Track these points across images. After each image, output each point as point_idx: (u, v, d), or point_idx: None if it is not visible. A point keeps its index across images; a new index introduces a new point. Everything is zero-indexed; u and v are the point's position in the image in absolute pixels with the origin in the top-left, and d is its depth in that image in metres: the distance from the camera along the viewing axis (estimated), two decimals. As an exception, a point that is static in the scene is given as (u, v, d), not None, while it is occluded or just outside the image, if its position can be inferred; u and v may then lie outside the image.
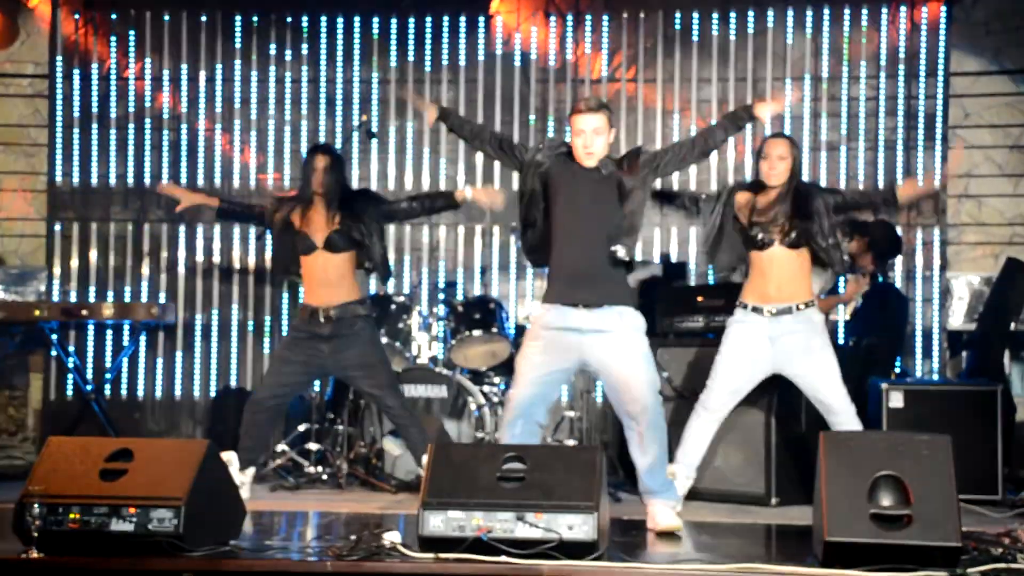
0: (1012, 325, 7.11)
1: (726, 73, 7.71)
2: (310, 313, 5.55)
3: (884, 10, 7.58)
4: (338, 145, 7.38)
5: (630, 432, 4.74)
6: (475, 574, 3.70)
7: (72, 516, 3.78)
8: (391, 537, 3.91)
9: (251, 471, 5.53)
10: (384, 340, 6.52)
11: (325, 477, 6.27)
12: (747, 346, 5.19)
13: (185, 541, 3.75)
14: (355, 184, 7.56)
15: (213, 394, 7.65)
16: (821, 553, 3.67)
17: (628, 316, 4.71)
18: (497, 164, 7.71)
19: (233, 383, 7.74)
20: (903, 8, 7.55)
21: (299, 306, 5.66)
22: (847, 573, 3.58)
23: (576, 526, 3.74)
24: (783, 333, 5.13)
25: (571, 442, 6.59)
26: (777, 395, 5.70)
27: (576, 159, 4.75)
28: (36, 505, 3.73)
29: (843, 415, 5.08)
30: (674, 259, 7.52)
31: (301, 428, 6.61)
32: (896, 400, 5.84)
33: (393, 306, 6.69)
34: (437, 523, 3.80)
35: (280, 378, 5.56)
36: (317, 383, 6.88)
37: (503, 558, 3.70)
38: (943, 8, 7.53)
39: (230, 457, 5.36)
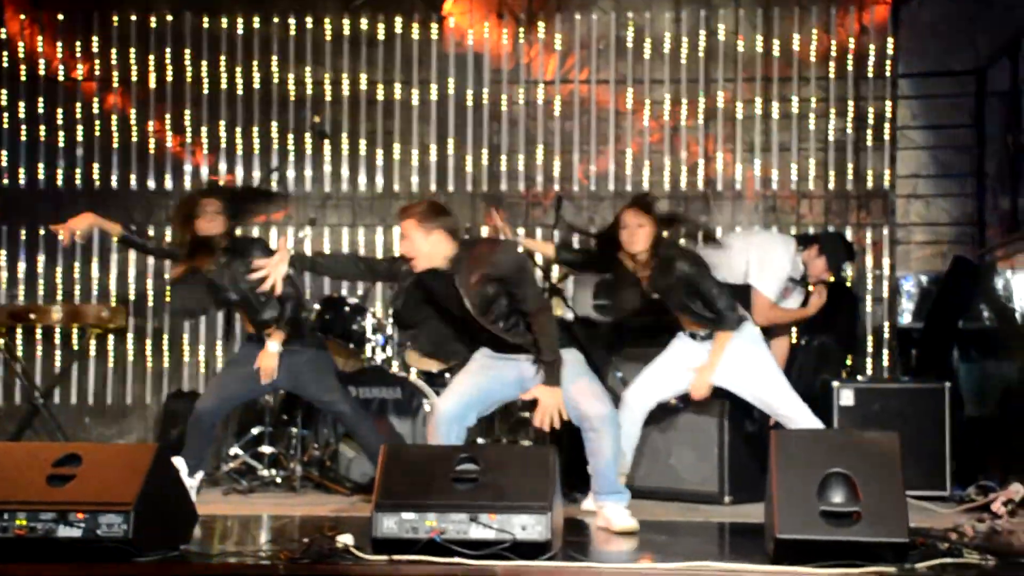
0: (960, 323, 7.22)
1: (678, 74, 7.75)
2: (248, 339, 5.62)
3: (833, 12, 7.67)
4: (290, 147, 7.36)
5: (585, 434, 4.76)
6: (428, 575, 3.69)
7: (19, 522, 3.72)
8: (344, 539, 3.89)
9: (199, 475, 5.48)
10: (338, 342, 6.50)
11: (279, 480, 6.23)
12: (684, 360, 5.30)
13: (135, 546, 3.70)
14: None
15: (164, 399, 7.57)
16: (772, 550, 3.70)
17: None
18: (450, 164, 7.77)
19: (185, 387, 7.66)
20: (852, 10, 7.64)
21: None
22: (797, 570, 3.61)
23: (529, 526, 3.75)
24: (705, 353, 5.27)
25: (527, 443, 6.60)
26: (730, 395, 5.73)
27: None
28: (-19, 512, 3.67)
29: (798, 418, 5.14)
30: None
31: (254, 431, 6.56)
32: (847, 398, 5.90)
33: (347, 308, 6.65)
34: (390, 525, 3.79)
35: (220, 392, 5.51)
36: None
37: (457, 559, 3.69)
38: (890, 10, 7.62)
39: (179, 463, 5.31)
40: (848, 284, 7.19)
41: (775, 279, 5.87)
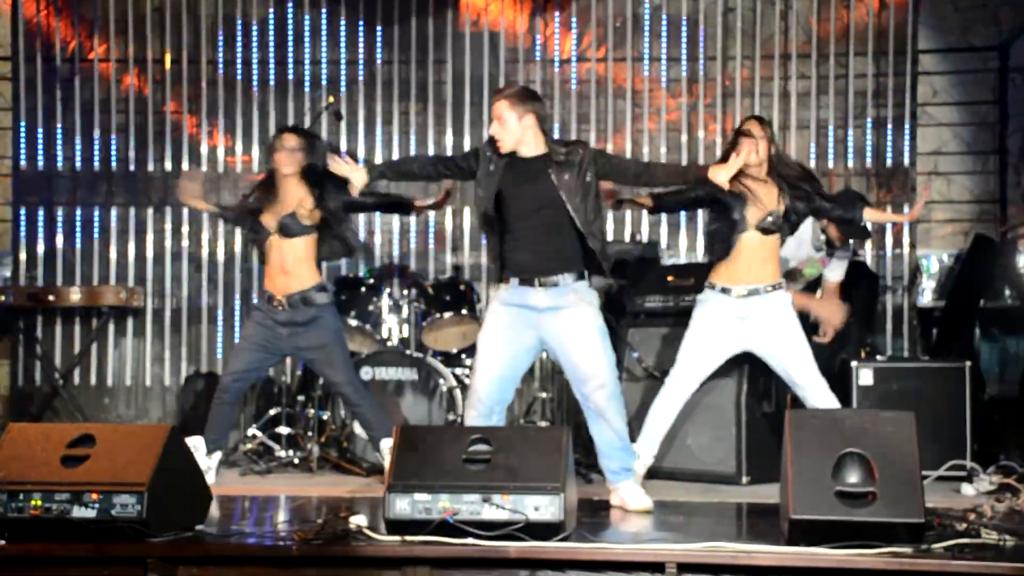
0: (981, 302, 7.15)
1: (696, 51, 7.69)
2: (267, 299, 5.54)
3: (852, -13, 7.59)
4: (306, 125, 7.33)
5: (586, 411, 4.76)
6: (441, 556, 3.69)
7: (34, 503, 3.74)
8: (357, 520, 3.89)
9: (217, 455, 5.50)
10: (354, 322, 6.50)
11: (296, 461, 6.23)
12: (715, 326, 5.19)
13: (149, 527, 3.71)
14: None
15: (183, 379, 7.60)
16: (787, 531, 3.68)
17: (582, 291, 4.74)
18: (467, 144, 7.73)
19: (203, 368, 7.69)
20: (872, -15, 7.57)
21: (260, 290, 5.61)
22: (812, 550, 3.58)
23: (542, 507, 3.73)
24: (752, 313, 5.13)
25: (543, 423, 6.59)
26: (747, 374, 5.71)
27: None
28: (-4, 492, 3.69)
29: (815, 393, 5.08)
30: (644, 239, 7.51)
31: (272, 412, 6.58)
32: (866, 378, 5.85)
33: (363, 288, 6.65)
34: (403, 506, 3.79)
35: (241, 361, 5.53)
36: (288, 367, 6.85)
37: (469, 540, 3.69)
38: (911, -15, 7.54)
39: (196, 443, 5.33)
40: (858, 260, 7.11)
41: (792, 256, 5.86)
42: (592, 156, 4.75)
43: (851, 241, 6.06)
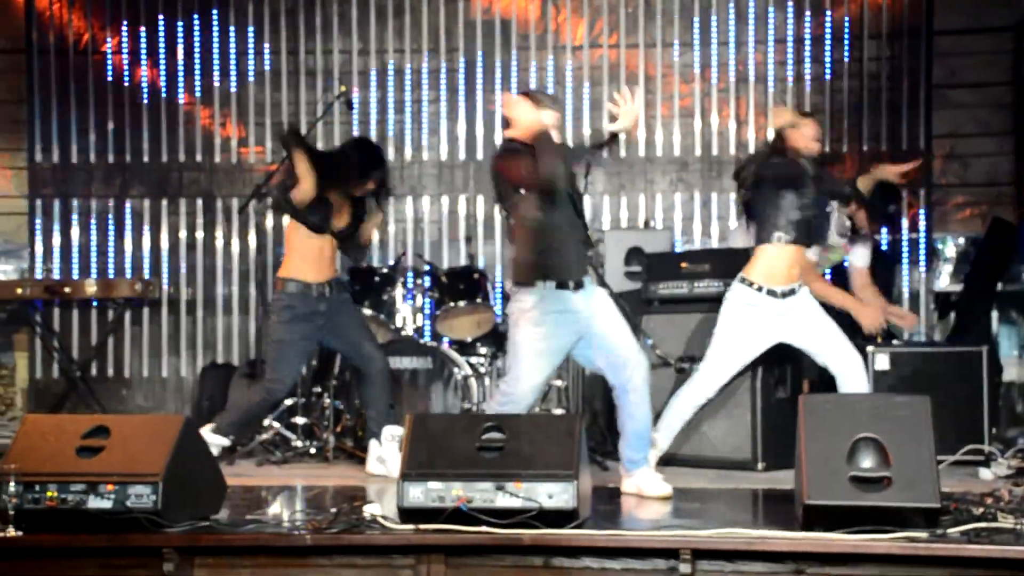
0: (999, 285, 7.10)
1: (709, 37, 7.65)
2: (305, 288, 5.51)
3: (866, -31, 7.53)
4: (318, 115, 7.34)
5: (624, 395, 4.72)
6: (455, 544, 3.69)
7: (49, 494, 3.75)
8: (371, 509, 3.90)
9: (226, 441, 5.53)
10: (368, 312, 6.51)
11: (312, 451, 6.24)
12: (754, 325, 5.13)
13: (164, 517, 3.72)
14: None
15: (199, 370, 7.62)
16: (801, 516, 3.66)
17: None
18: (480, 135, 7.72)
19: (219, 359, 7.71)
20: (886, -34, 7.50)
21: (288, 282, 5.53)
22: (827, 536, 3.57)
23: (556, 494, 3.72)
24: (788, 310, 5.11)
25: (559, 411, 6.58)
26: (763, 360, 5.68)
27: None
28: (12, 483, 3.71)
29: (854, 375, 5.08)
30: (659, 226, 7.49)
31: (288, 402, 6.59)
32: (882, 363, 5.82)
33: (377, 278, 6.65)
34: (417, 494, 3.78)
35: (296, 365, 5.58)
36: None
37: (483, 528, 3.68)
38: (926, -34, 7.47)
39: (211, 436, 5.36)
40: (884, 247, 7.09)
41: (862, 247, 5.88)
42: None
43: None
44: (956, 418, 5.54)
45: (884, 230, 7.10)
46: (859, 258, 6.15)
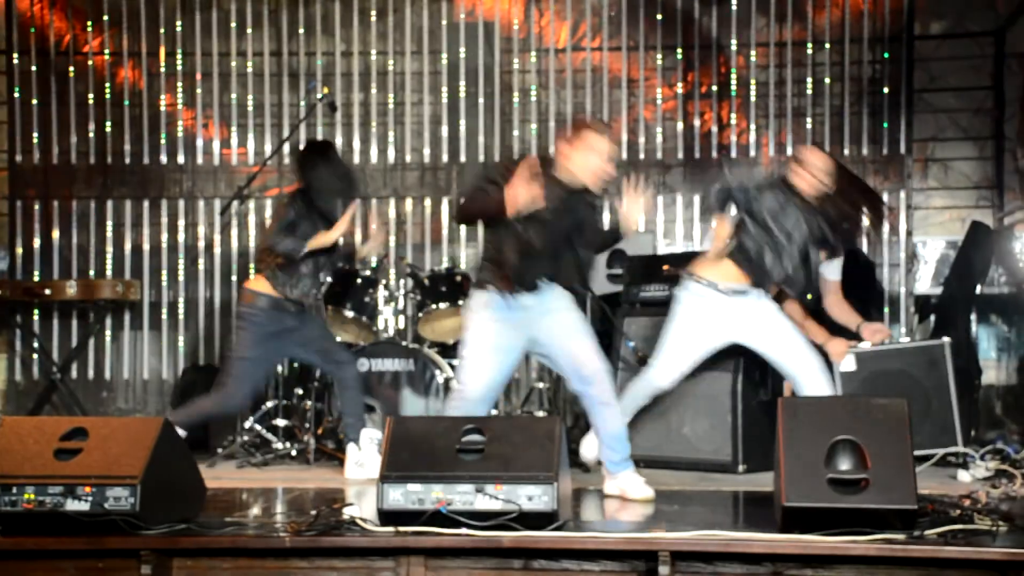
0: (978, 288, 7.13)
1: (691, 40, 7.67)
2: (276, 303, 5.49)
3: (848, -27, 7.57)
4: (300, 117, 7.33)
5: (592, 407, 4.75)
6: (435, 547, 3.69)
7: (27, 496, 3.73)
8: (351, 511, 3.89)
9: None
10: (350, 314, 6.50)
11: (293, 453, 6.24)
12: (701, 321, 5.18)
13: (142, 519, 3.71)
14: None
15: (180, 372, 7.60)
16: (780, 518, 3.67)
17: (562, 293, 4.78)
18: (462, 136, 7.73)
19: (200, 361, 7.69)
20: (867, -29, 7.54)
21: (258, 295, 5.49)
22: (805, 537, 3.58)
23: (536, 496, 3.72)
24: (740, 308, 5.14)
25: (540, 413, 6.58)
26: (743, 363, 5.70)
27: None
28: (-11, 486, 3.69)
29: (812, 382, 5.08)
30: (641, 228, 7.49)
31: (269, 404, 6.58)
32: (848, 364, 5.85)
33: (359, 280, 6.64)
34: (397, 496, 3.78)
35: (258, 381, 5.61)
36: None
37: (463, 530, 3.68)
38: (907, -29, 7.51)
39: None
40: (854, 247, 7.09)
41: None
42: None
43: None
44: (926, 412, 5.57)
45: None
46: (830, 270, 6.14)
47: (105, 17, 7.84)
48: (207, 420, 5.76)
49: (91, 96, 7.84)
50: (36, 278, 7.70)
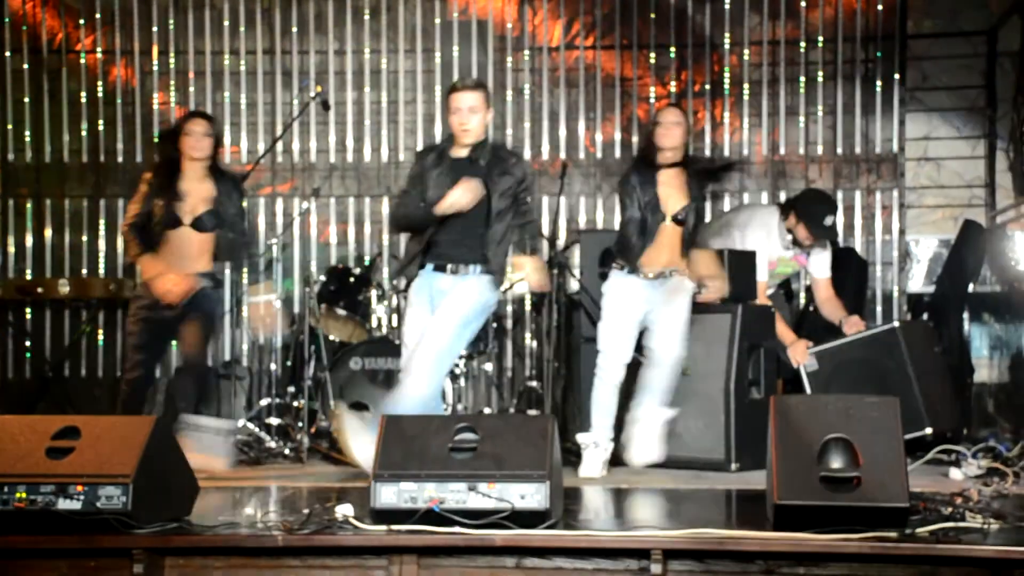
0: (971, 287, 7.15)
1: (685, 39, 7.68)
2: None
3: (841, -27, 7.58)
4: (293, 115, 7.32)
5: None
6: (428, 545, 3.69)
7: (19, 495, 3.71)
8: (343, 510, 3.88)
9: None
10: (343, 312, 6.50)
11: (286, 452, 6.23)
12: (624, 303, 5.42)
13: (134, 518, 3.70)
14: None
15: (172, 371, 7.58)
16: (772, 516, 3.68)
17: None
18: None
19: (193, 359, 7.66)
20: (860, -29, 7.55)
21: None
22: (797, 535, 3.58)
23: (528, 495, 3.72)
24: (657, 292, 5.42)
25: (533, 412, 6.58)
26: (736, 361, 5.71)
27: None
28: (-19, 485, 3.69)
29: (666, 360, 5.39)
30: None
31: (262, 403, 6.58)
32: (811, 364, 5.92)
33: (352, 278, 6.65)
34: (389, 495, 3.77)
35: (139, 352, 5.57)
36: (278, 357, 6.85)
37: (456, 529, 3.68)
38: (899, -30, 7.52)
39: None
40: (848, 246, 7.13)
41: (762, 260, 5.92)
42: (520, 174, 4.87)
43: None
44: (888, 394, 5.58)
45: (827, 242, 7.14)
46: (818, 269, 6.17)
47: (97, 15, 7.83)
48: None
49: (84, 94, 7.83)
50: (28, 276, 7.68)
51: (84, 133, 7.83)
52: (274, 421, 6.44)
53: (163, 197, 5.45)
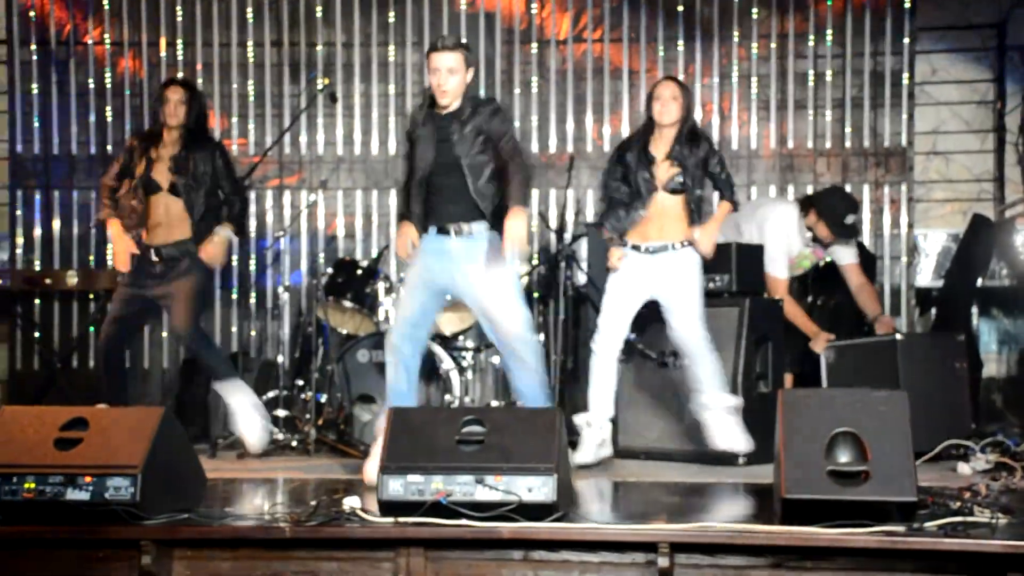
0: (979, 281, 7.14)
1: (693, 32, 7.66)
2: (142, 250, 5.62)
3: (849, -35, 7.54)
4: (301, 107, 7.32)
5: (507, 363, 4.94)
6: (435, 538, 3.69)
7: (27, 486, 3.73)
8: (351, 502, 3.89)
9: None
10: (350, 304, 6.50)
11: (294, 444, 6.24)
12: (627, 283, 5.39)
13: (142, 509, 3.71)
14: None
15: (181, 362, 7.60)
16: (779, 510, 3.67)
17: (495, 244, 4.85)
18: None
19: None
20: (869, -37, 7.52)
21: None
22: (805, 529, 3.58)
23: (536, 488, 3.73)
24: (660, 266, 5.38)
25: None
26: (744, 354, 5.71)
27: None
28: (-10, 475, 3.70)
29: (697, 354, 5.33)
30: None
31: (270, 395, 6.57)
32: (830, 355, 5.91)
33: (359, 271, 6.64)
34: (396, 487, 3.78)
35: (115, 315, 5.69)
36: (285, 348, 6.85)
37: (463, 521, 3.68)
38: (909, -38, 7.49)
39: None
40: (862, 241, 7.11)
41: (782, 256, 5.90)
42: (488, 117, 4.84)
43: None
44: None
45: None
46: (844, 256, 6.17)
47: (106, 6, 7.82)
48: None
49: (92, 86, 7.83)
50: (37, 268, 7.69)
51: (92, 124, 7.83)
52: (281, 413, 6.44)
53: (142, 161, 5.60)
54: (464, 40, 4.94)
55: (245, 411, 5.68)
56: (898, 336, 5.79)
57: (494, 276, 4.80)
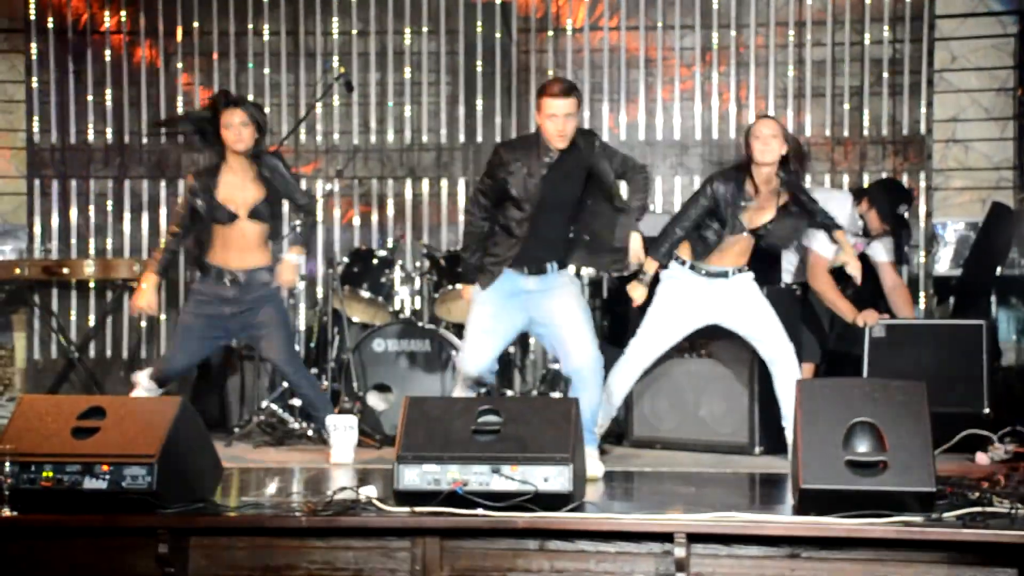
0: (998, 270, 7.09)
1: (710, 19, 7.61)
2: (216, 274, 5.44)
3: (868, -49, 7.48)
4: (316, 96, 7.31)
5: (573, 386, 4.87)
6: (451, 527, 3.70)
7: (45, 474, 3.76)
8: (367, 491, 3.90)
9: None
10: (366, 294, 6.51)
11: (310, 433, 6.24)
12: (680, 301, 5.24)
13: (159, 498, 3.73)
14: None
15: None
16: (797, 500, 3.66)
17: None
18: (479, 116, 7.71)
19: (218, 340, 7.69)
20: (888, -51, 7.46)
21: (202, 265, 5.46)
22: (822, 520, 3.57)
23: (552, 478, 3.73)
24: (719, 290, 5.23)
25: (557, 395, 6.57)
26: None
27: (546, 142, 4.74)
28: (8, 463, 3.71)
29: (784, 360, 5.21)
30: (658, 210, 7.47)
31: (285, 384, 6.58)
32: (879, 331, 5.83)
33: (375, 260, 6.65)
34: (412, 477, 3.79)
35: (187, 348, 5.49)
36: (300, 340, 6.86)
37: (479, 511, 3.69)
38: (928, -51, 7.42)
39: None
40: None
41: (825, 251, 5.85)
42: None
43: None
44: (951, 393, 5.53)
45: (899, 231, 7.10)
46: (879, 253, 6.12)
47: (122, -5, 7.83)
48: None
49: (108, 75, 7.84)
50: (54, 257, 7.71)
51: (109, 114, 7.84)
52: (298, 402, 6.44)
53: (211, 195, 5.36)
54: (574, 83, 4.84)
55: (345, 433, 5.51)
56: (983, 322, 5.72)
57: (578, 307, 4.85)
